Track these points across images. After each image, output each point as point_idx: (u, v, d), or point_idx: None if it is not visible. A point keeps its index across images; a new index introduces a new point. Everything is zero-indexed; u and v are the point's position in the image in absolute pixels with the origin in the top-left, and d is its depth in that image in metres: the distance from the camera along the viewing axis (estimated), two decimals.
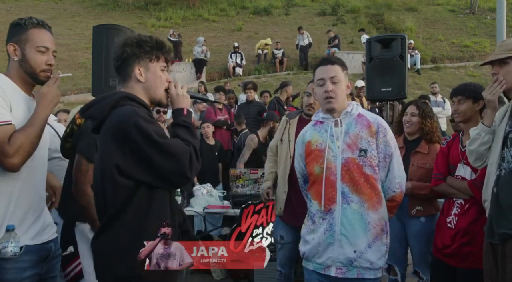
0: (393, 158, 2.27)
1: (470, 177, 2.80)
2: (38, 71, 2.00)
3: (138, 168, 1.67)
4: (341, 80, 2.30)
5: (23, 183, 1.95)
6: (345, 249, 2.20)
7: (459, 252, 2.75)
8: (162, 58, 1.86)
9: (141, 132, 1.63)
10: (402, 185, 2.32)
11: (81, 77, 14.00)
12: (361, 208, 2.20)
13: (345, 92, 2.32)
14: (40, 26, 2.02)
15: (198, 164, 1.73)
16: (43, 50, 1.99)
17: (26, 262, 1.91)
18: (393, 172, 2.28)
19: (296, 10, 20.16)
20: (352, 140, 2.25)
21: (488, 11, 18.76)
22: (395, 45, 4.34)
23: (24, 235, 1.92)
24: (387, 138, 2.27)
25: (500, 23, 7.45)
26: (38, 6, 20.18)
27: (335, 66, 2.31)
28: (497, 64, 2.36)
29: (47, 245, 2.06)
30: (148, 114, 1.75)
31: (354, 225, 2.20)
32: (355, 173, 2.21)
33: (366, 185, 2.21)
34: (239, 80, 13.04)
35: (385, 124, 2.31)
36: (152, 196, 1.71)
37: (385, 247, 2.25)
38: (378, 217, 2.23)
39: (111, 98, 1.77)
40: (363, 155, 2.22)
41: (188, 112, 1.85)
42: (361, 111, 2.34)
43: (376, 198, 2.23)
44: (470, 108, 2.84)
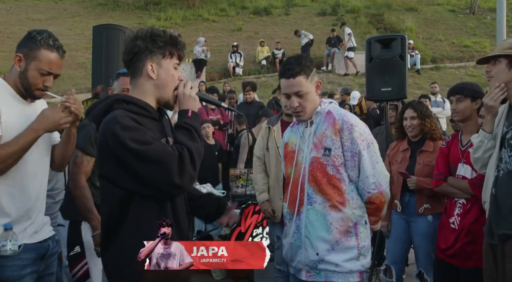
0: (362, 156, 2.10)
1: (470, 176, 2.80)
2: (34, 89, 2.00)
3: (125, 177, 1.59)
4: (307, 91, 2.16)
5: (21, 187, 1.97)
6: (309, 252, 2.14)
7: (462, 251, 2.76)
8: (176, 55, 1.74)
9: (118, 141, 1.55)
10: (379, 185, 2.13)
11: (81, 77, 14.01)
12: (324, 208, 2.12)
13: (314, 97, 2.20)
14: (52, 49, 1.99)
15: (193, 169, 1.59)
16: (44, 73, 1.99)
17: (24, 260, 1.95)
18: (365, 171, 2.11)
19: (296, 10, 20.16)
20: (318, 139, 2.17)
21: (488, 11, 18.75)
22: (395, 45, 4.33)
23: (22, 234, 1.95)
24: (353, 136, 2.11)
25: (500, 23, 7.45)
26: (38, 6, 20.16)
27: (297, 79, 2.13)
28: (491, 62, 2.36)
29: (45, 243, 2.09)
30: (136, 119, 1.62)
31: (316, 226, 2.12)
32: (318, 172, 2.13)
33: (328, 185, 2.12)
34: (239, 80, 13.04)
35: (353, 121, 2.15)
36: (149, 205, 1.65)
37: (355, 250, 2.12)
38: (342, 217, 2.11)
39: (104, 102, 1.71)
40: (327, 154, 2.12)
41: (193, 114, 1.70)
42: (331, 108, 2.21)
43: (340, 197, 2.12)
44: (469, 107, 2.86)
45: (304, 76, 2.14)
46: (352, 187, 2.15)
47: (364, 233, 2.16)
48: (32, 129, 1.94)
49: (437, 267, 3.00)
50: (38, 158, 2.08)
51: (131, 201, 1.63)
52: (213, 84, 11.37)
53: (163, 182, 1.56)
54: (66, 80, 13.85)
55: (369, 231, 2.21)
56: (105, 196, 1.69)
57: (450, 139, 3.05)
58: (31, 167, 2.02)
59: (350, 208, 2.13)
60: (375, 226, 2.29)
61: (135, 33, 1.73)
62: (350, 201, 2.13)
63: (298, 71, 2.13)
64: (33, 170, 2.04)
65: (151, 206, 1.65)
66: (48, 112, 1.98)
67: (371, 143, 2.15)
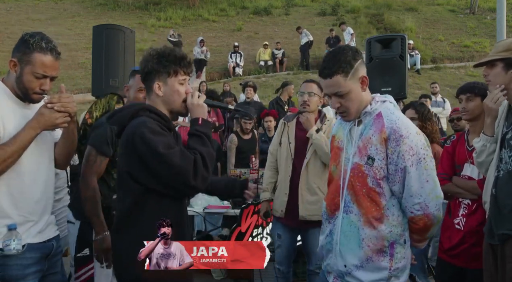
0: (408, 173, 1.85)
1: (477, 176, 2.78)
2: (31, 93, 2.00)
3: (145, 175, 1.79)
4: (347, 90, 1.94)
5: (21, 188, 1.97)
6: (338, 260, 2.01)
7: (469, 252, 2.74)
8: (180, 72, 1.92)
9: (145, 143, 1.74)
10: (426, 207, 1.87)
11: (81, 77, 14.02)
12: (358, 221, 1.94)
13: (358, 95, 1.97)
14: (46, 52, 1.98)
15: (206, 172, 1.78)
16: (40, 76, 1.98)
17: (28, 259, 1.97)
18: (410, 190, 1.87)
19: (296, 10, 20.16)
20: (363, 144, 1.94)
21: (488, 11, 18.75)
22: (395, 45, 4.34)
23: (26, 234, 1.97)
24: (400, 149, 1.85)
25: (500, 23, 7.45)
26: (38, 6, 20.17)
27: (334, 79, 1.92)
28: (488, 66, 2.35)
29: (49, 242, 2.10)
30: (161, 126, 1.84)
31: (349, 238, 1.96)
32: (358, 182, 1.94)
33: (366, 197, 1.92)
34: (239, 80, 13.04)
35: (404, 131, 1.87)
36: (163, 202, 1.82)
37: (386, 271, 1.92)
38: (376, 235, 1.90)
39: (132, 108, 1.93)
40: (370, 163, 1.91)
41: (203, 122, 1.90)
42: (383, 110, 1.95)
43: (377, 213, 1.91)
44: (479, 106, 2.82)
45: (343, 74, 1.91)
46: (394, 202, 1.93)
47: (401, 253, 1.95)
48: (29, 128, 1.95)
49: (440, 268, 2.99)
50: (39, 159, 2.08)
51: (149, 196, 1.81)
52: (213, 84, 11.38)
53: (180, 183, 1.76)
54: (66, 80, 13.84)
55: (409, 251, 2.01)
56: (125, 189, 1.87)
57: (455, 139, 3.02)
58: (31, 168, 2.02)
59: (388, 225, 1.91)
60: (419, 245, 2.08)
61: (148, 53, 1.94)
62: (390, 217, 1.92)
63: (334, 70, 1.91)
64: (33, 171, 2.04)
65: (166, 204, 1.83)
66: (45, 110, 1.98)
67: (423, 158, 1.87)
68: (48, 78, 2.01)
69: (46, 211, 2.13)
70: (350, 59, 1.92)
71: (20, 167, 1.97)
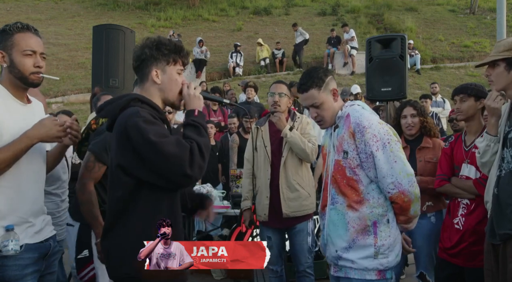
0: (375, 157, 2.13)
1: (475, 176, 2.81)
2: (28, 74, 2.00)
3: (140, 166, 1.73)
4: (321, 101, 2.26)
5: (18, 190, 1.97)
6: (331, 249, 2.25)
7: (468, 251, 2.76)
8: (179, 62, 1.91)
9: (139, 133, 1.69)
10: (399, 184, 2.12)
11: (81, 77, 14.00)
12: (343, 208, 2.20)
13: (331, 105, 2.28)
14: (25, 30, 2.01)
15: (203, 161, 1.73)
16: (29, 53, 2.00)
17: (26, 260, 1.97)
18: (381, 172, 2.13)
19: (296, 10, 20.15)
20: (339, 142, 2.25)
21: (488, 11, 18.75)
22: (395, 45, 4.35)
23: (23, 234, 1.97)
24: (365, 138, 2.14)
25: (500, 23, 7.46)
26: (38, 6, 20.16)
27: (310, 93, 2.27)
28: (490, 66, 2.36)
29: (47, 242, 2.10)
30: (154, 116, 1.79)
31: (336, 225, 2.21)
32: (339, 174, 2.22)
33: (346, 186, 2.20)
34: (239, 80, 13.04)
35: (366, 122, 2.16)
36: (156, 196, 1.78)
37: (372, 248, 2.15)
38: (359, 216, 2.16)
39: (123, 99, 1.86)
40: (345, 156, 2.20)
41: (199, 113, 1.87)
42: (350, 111, 2.26)
43: (357, 197, 2.18)
44: (472, 106, 2.86)
45: (316, 88, 2.26)
46: (374, 186, 2.18)
47: (385, 232, 2.17)
48: (26, 137, 1.95)
49: (439, 267, 3.00)
50: (36, 159, 2.07)
51: (140, 190, 1.77)
52: (213, 84, 11.38)
53: (176, 172, 1.69)
54: (66, 80, 13.84)
55: (396, 230, 2.21)
56: (116, 184, 1.82)
57: (453, 140, 3.05)
58: (28, 168, 2.02)
59: (369, 207, 2.16)
60: (407, 226, 2.26)
61: (144, 41, 1.91)
62: (370, 200, 2.17)
63: (309, 85, 2.26)
64: (30, 172, 2.03)
65: (159, 198, 1.79)
66: (47, 122, 1.99)
67: (387, 143, 2.14)
68: (38, 55, 2.02)
69: (43, 211, 2.13)
70: (321, 75, 2.28)
71: (17, 168, 1.96)
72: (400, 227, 2.24)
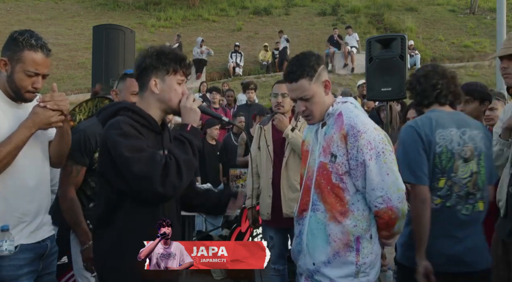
0: (367, 166, 1.90)
1: None
2: (23, 92, 1.97)
3: (115, 177, 1.74)
4: (312, 94, 1.99)
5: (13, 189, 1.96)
6: (307, 259, 2.03)
7: None
8: (180, 72, 1.87)
9: (113, 146, 1.70)
10: (388, 199, 1.91)
11: (81, 77, 14.00)
12: (325, 218, 1.98)
13: (322, 98, 2.02)
14: (37, 49, 1.94)
15: (179, 179, 1.68)
16: (32, 75, 1.95)
17: (21, 260, 1.95)
18: (371, 183, 1.91)
19: (296, 10, 20.15)
20: (327, 143, 2.01)
21: (488, 11, 18.74)
22: (395, 45, 4.34)
23: (19, 235, 1.95)
24: (359, 143, 1.90)
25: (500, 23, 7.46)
26: (38, 6, 20.16)
27: (299, 83, 1.98)
28: (507, 58, 2.32)
29: (43, 243, 2.08)
30: (138, 127, 1.77)
31: (316, 235, 2.00)
32: (323, 179, 1.99)
33: (331, 194, 1.97)
34: (239, 80, 13.04)
35: (361, 127, 1.93)
36: (139, 206, 1.77)
37: (353, 266, 1.94)
38: (342, 230, 1.94)
39: (113, 107, 1.88)
40: (333, 160, 1.96)
41: (192, 129, 1.82)
42: (343, 109, 2.01)
43: (341, 208, 1.95)
44: (476, 109, 2.84)
45: (307, 78, 1.97)
46: (359, 197, 1.97)
47: (368, 248, 1.96)
48: (24, 127, 1.92)
49: None
50: (33, 160, 2.05)
51: (124, 199, 1.77)
52: (213, 84, 11.37)
53: (146, 189, 1.67)
54: (66, 80, 13.84)
55: (377, 246, 2.02)
56: (101, 192, 1.85)
57: None
58: (24, 169, 2.00)
59: (353, 219, 1.95)
60: (388, 241, 2.09)
61: (146, 50, 1.89)
62: (355, 212, 1.95)
63: (299, 74, 1.97)
64: (27, 172, 2.01)
65: (141, 207, 1.78)
66: (39, 109, 1.94)
67: (381, 152, 1.91)
68: (40, 76, 1.98)
69: (41, 211, 2.09)
70: (314, 64, 1.98)
71: (13, 168, 1.94)
72: (380, 241, 2.05)
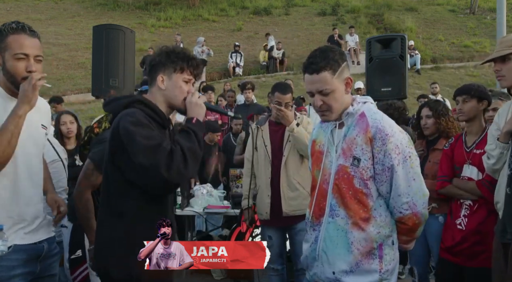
0: (395, 172, 1.83)
1: (477, 177, 2.80)
2: (20, 79, 1.92)
3: (126, 165, 1.80)
4: (333, 89, 1.88)
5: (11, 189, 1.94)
6: (325, 267, 1.94)
7: (470, 251, 2.75)
8: (187, 71, 1.94)
9: (126, 133, 1.76)
10: (414, 205, 1.87)
11: (81, 77, 14.00)
12: (346, 225, 1.89)
13: (342, 95, 1.92)
14: (19, 31, 1.90)
15: (184, 166, 1.74)
16: (22, 57, 1.90)
17: (14, 261, 1.91)
18: (398, 189, 1.85)
19: (296, 10, 20.15)
20: (347, 145, 1.90)
21: (488, 11, 18.74)
22: (395, 45, 4.35)
23: (13, 235, 1.91)
24: (386, 148, 1.83)
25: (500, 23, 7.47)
26: (38, 6, 20.15)
27: (322, 75, 1.86)
28: (500, 61, 2.34)
29: (40, 244, 2.04)
30: (150, 119, 1.85)
31: (336, 242, 1.90)
32: (344, 184, 1.89)
33: (353, 199, 1.88)
34: (239, 80, 13.03)
35: (389, 130, 1.85)
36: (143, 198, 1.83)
37: (376, 274, 1.87)
38: (365, 237, 1.86)
39: (127, 99, 1.94)
40: (356, 164, 1.87)
41: (197, 122, 1.90)
42: (365, 110, 1.92)
43: (364, 214, 1.87)
44: (474, 107, 2.86)
45: (330, 71, 1.86)
46: (381, 202, 1.90)
47: (390, 255, 1.91)
48: (15, 114, 1.88)
49: (441, 267, 2.99)
50: (31, 160, 2.04)
51: (131, 189, 1.82)
52: (213, 84, 11.36)
53: (151, 175, 1.72)
54: (66, 80, 13.84)
55: (397, 252, 1.97)
56: (109, 181, 1.89)
57: (453, 141, 3.04)
58: (22, 170, 1.98)
59: (376, 226, 1.88)
60: (407, 246, 2.04)
61: (160, 48, 2.00)
62: (377, 218, 1.89)
63: (323, 66, 1.85)
64: (25, 173, 1.99)
65: (147, 200, 1.84)
66: (20, 91, 1.91)
67: (408, 157, 1.86)
68: (31, 59, 1.93)
69: (40, 212, 2.08)
70: (338, 58, 1.89)
71: (10, 169, 1.92)
72: (399, 246, 2.00)
